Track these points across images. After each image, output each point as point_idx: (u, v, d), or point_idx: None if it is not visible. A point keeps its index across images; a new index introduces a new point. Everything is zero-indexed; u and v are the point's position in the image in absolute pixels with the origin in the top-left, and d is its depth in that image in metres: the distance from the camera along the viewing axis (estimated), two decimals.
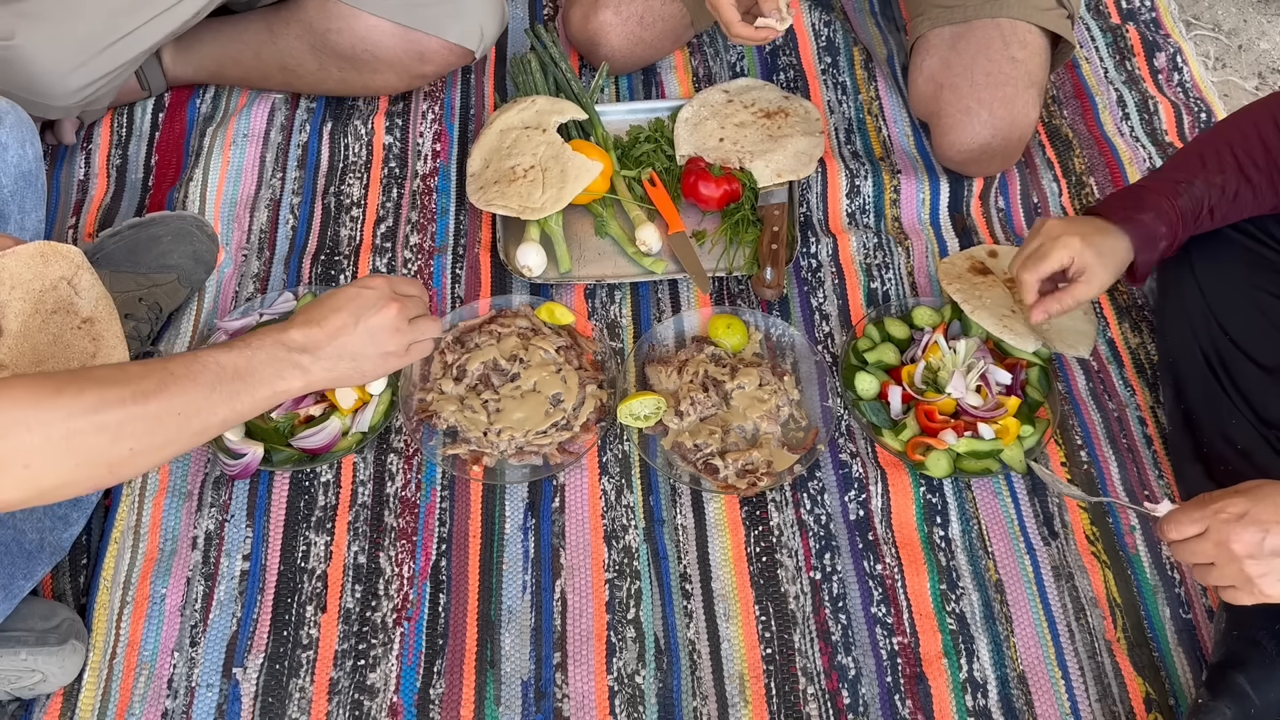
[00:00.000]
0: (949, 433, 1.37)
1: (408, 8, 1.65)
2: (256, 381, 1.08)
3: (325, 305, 1.16)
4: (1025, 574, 1.33)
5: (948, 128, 1.64)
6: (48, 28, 1.52)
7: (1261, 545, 0.99)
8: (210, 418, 1.04)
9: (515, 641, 1.29)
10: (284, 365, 1.11)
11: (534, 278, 1.56)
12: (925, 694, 1.24)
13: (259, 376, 1.08)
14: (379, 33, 1.66)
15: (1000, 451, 1.38)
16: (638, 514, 1.38)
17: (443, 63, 1.72)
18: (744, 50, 1.89)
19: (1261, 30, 2.06)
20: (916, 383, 1.43)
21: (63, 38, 1.54)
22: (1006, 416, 1.39)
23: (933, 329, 1.48)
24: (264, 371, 1.08)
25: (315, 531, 1.36)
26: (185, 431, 1.02)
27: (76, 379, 0.95)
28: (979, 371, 1.42)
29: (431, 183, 1.72)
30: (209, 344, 1.41)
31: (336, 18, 1.65)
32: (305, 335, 1.13)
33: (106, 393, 0.95)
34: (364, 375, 1.18)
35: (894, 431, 1.40)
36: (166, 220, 1.52)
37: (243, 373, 1.07)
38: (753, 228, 1.62)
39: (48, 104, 1.59)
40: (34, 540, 1.21)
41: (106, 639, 1.27)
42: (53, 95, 1.58)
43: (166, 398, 0.99)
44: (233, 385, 1.05)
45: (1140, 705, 1.23)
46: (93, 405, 0.94)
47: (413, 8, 1.65)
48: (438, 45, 1.69)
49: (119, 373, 0.99)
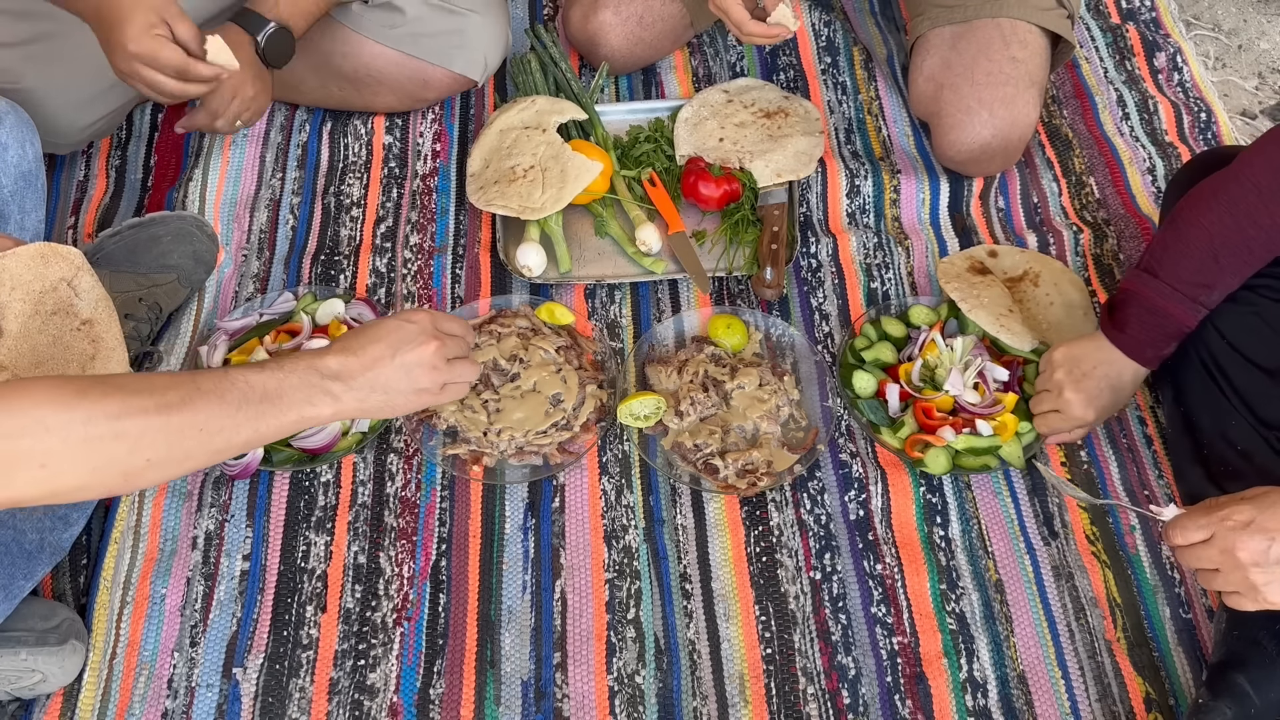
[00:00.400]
0: (947, 429, 1.37)
1: (413, 37, 1.65)
2: (285, 405, 1.05)
3: (365, 335, 1.12)
4: (1025, 574, 1.33)
5: (948, 127, 1.64)
6: (57, 70, 1.53)
7: (1267, 554, 0.99)
8: (233, 437, 1.01)
9: (515, 641, 1.29)
10: (315, 391, 1.07)
11: (534, 278, 1.56)
12: (925, 694, 1.24)
13: (288, 400, 1.05)
14: (383, 60, 1.66)
15: (999, 448, 1.38)
16: (638, 514, 1.38)
17: (444, 90, 1.74)
18: (744, 50, 1.89)
19: (1261, 30, 2.06)
20: (914, 380, 1.43)
21: (71, 79, 1.56)
22: (1004, 413, 1.39)
23: (929, 327, 1.48)
24: (294, 396, 1.05)
25: (315, 531, 1.36)
26: (206, 448, 1.00)
27: (101, 384, 0.94)
28: (976, 368, 1.42)
29: (431, 183, 1.72)
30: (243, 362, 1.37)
31: (342, 42, 1.66)
32: (340, 363, 1.09)
33: (130, 401, 0.94)
34: (394, 409, 1.14)
35: (892, 429, 1.40)
36: (166, 220, 1.52)
37: (271, 395, 1.04)
38: (753, 228, 1.62)
39: (57, 141, 1.62)
40: (34, 541, 1.21)
41: (106, 639, 1.27)
42: (62, 134, 1.61)
43: (190, 412, 0.97)
44: (260, 406, 1.03)
45: (1140, 705, 1.23)
46: (115, 412, 0.93)
47: (418, 38, 1.66)
48: (441, 74, 1.70)
49: (145, 382, 0.97)
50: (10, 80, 1.50)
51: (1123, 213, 1.67)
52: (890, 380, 1.43)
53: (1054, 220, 1.67)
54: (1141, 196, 1.69)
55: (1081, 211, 1.68)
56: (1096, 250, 1.62)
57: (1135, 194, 1.69)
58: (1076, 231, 1.63)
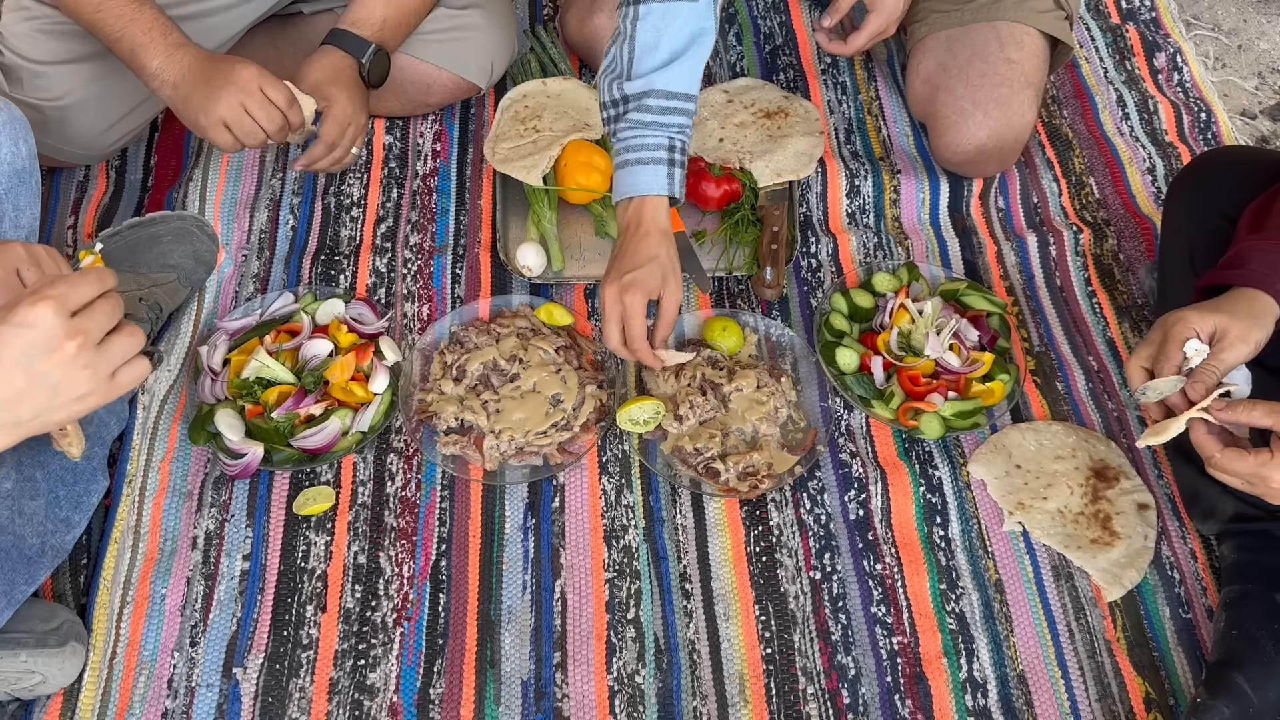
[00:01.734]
0: (936, 396, 1.41)
1: (421, 42, 1.65)
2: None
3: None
4: (1025, 574, 1.33)
5: (944, 129, 1.64)
6: (97, 87, 1.56)
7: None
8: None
9: (515, 641, 1.29)
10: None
11: (534, 278, 1.56)
12: (925, 694, 1.24)
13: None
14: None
15: (986, 408, 1.42)
16: (637, 514, 1.38)
17: (448, 95, 1.73)
18: (744, 50, 1.89)
19: (1261, 30, 2.06)
20: (894, 349, 1.46)
21: (110, 96, 1.58)
22: (983, 370, 1.44)
23: (894, 294, 1.52)
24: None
25: (315, 531, 1.36)
26: None
27: None
28: (951, 329, 1.46)
29: (431, 183, 1.72)
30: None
31: None
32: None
33: None
34: (58, 423, 0.90)
35: (883, 401, 1.43)
36: (167, 220, 1.52)
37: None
38: (753, 228, 1.62)
39: (83, 154, 1.64)
40: (35, 545, 1.21)
41: (106, 639, 1.27)
42: (89, 148, 1.63)
43: None
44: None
45: (1140, 705, 1.23)
46: None
47: (426, 43, 1.66)
48: (447, 80, 1.70)
49: None
50: (54, 96, 1.53)
51: (1123, 213, 1.67)
52: (872, 354, 1.47)
53: (1054, 220, 1.68)
54: (1141, 196, 1.69)
55: (1081, 211, 1.69)
56: (1096, 250, 1.62)
57: (1135, 194, 1.69)
58: (1076, 231, 1.63)
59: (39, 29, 1.51)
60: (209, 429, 1.39)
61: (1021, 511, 1.36)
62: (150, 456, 1.40)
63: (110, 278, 0.90)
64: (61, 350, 0.85)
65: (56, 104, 1.53)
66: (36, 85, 1.52)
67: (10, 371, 0.84)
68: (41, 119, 1.53)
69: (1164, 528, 1.35)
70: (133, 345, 0.90)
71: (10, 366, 0.84)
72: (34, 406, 0.86)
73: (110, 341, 0.88)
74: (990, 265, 1.62)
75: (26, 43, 1.51)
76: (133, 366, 0.90)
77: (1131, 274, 1.60)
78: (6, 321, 0.84)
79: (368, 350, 1.45)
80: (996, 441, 1.42)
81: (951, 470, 1.40)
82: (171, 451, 1.41)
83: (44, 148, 1.55)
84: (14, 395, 0.84)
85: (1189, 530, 1.35)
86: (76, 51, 1.52)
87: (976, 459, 1.41)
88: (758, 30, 1.93)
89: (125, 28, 1.39)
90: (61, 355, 0.85)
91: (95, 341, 0.87)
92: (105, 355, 0.87)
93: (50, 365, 0.85)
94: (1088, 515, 1.35)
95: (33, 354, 0.84)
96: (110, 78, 1.54)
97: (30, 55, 1.51)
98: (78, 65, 1.53)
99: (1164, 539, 1.34)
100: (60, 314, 0.84)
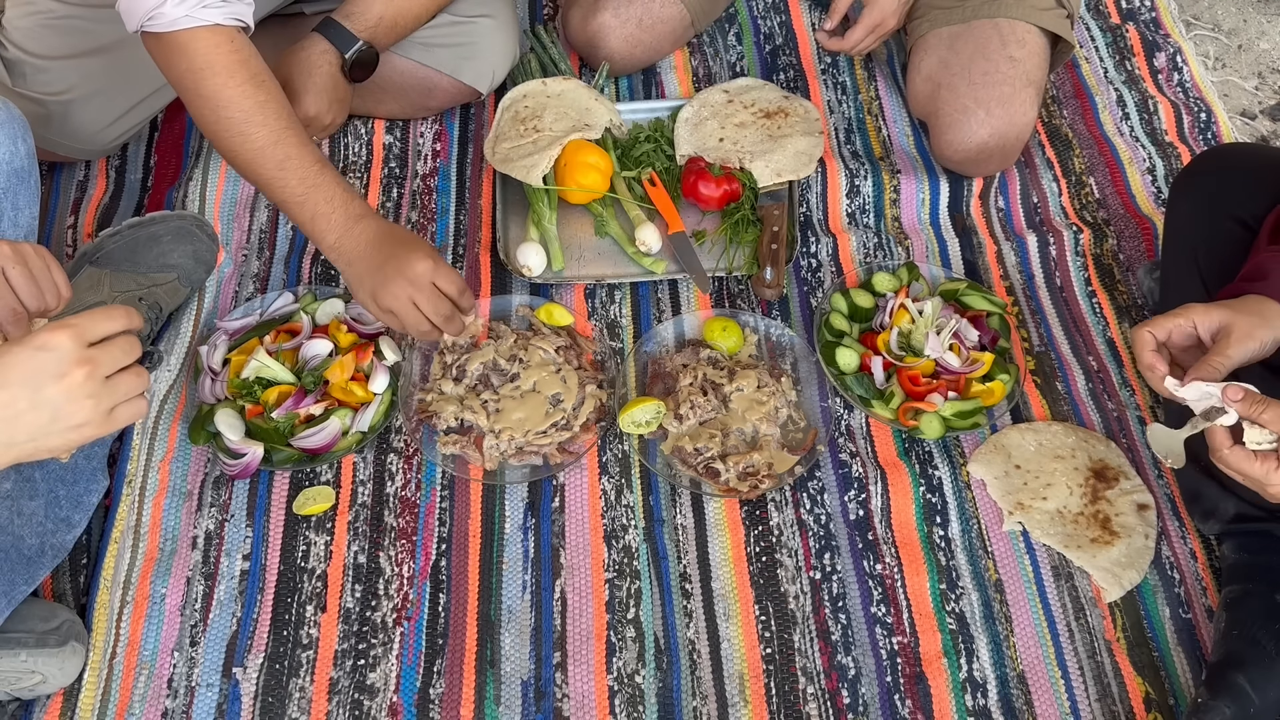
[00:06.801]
0: (936, 396, 1.41)
1: (424, 46, 1.65)
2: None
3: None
4: (1025, 573, 1.33)
5: (945, 127, 1.63)
6: (102, 82, 1.55)
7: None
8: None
9: (515, 641, 1.29)
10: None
11: (534, 278, 1.56)
12: (925, 694, 1.24)
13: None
14: (388, 68, 1.65)
15: (985, 408, 1.42)
16: (637, 514, 1.38)
17: (448, 100, 1.74)
18: (744, 50, 1.89)
19: (1261, 30, 2.06)
20: (894, 349, 1.46)
21: (115, 91, 1.58)
22: (983, 370, 1.43)
23: (894, 294, 1.52)
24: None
25: (315, 531, 1.36)
26: None
27: None
28: (951, 329, 1.46)
29: (431, 183, 1.72)
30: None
31: None
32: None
33: None
34: (51, 451, 0.91)
35: (883, 401, 1.43)
36: (167, 219, 1.52)
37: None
38: (753, 228, 1.62)
39: (85, 149, 1.64)
40: (34, 545, 1.21)
41: (106, 639, 1.27)
42: (91, 144, 1.63)
43: None
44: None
45: (1140, 705, 1.23)
46: None
47: (429, 47, 1.66)
48: (448, 84, 1.70)
49: None
50: (57, 91, 1.53)
51: (1123, 213, 1.67)
52: (872, 353, 1.46)
53: (1054, 220, 1.68)
54: (1141, 196, 1.69)
55: (1081, 211, 1.69)
56: (1096, 250, 1.62)
57: (1135, 194, 1.69)
58: (1076, 231, 1.63)
59: (42, 24, 1.51)
60: (209, 429, 1.39)
61: (1021, 511, 1.36)
62: (150, 456, 1.40)
63: (137, 319, 0.92)
64: (69, 377, 0.86)
65: (59, 99, 1.53)
66: (39, 80, 1.52)
67: (16, 391, 0.85)
68: (44, 114, 1.53)
69: (1164, 528, 1.35)
70: (138, 386, 0.91)
71: (17, 386, 0.85)
72: (31, 429, 0.87)
73: (118, 378, 0.89)
74: (990, 265, 1.62)
75: (29, 37, 1.51)
76: (132, 404, 0.91)
77: (1131, 274, 1.60)
78: (27, 344, 0.86)
79: (367, 350, 1.45)
80: (996, 441, 1.42)
81: (951, 470, 1.40)
82: (171, 451, 1.41)
83: (46, 143, 1.55)
84: (14, 415, 0.85)
85: (1189, 530, 1.35)
86: (79, 46, 1.52)
87: (976, 459, 1.41)
88: (758, 30, 1.93)
89: (309, 193, 1.31)
90: (69, 382, 0.86)
91: (104, 374, 0.88)
92: (110, 389, 0.89)
93: (55, 390, 0.86)
94: (1087, 515, 1.35)
95: (41, 377, 0.86)
96: (113, 73, 1.54)
97: (33, 50, 1.51)
98: (80, 60, 1.53)
99: (1164, 539, 1.34)
100: (76, 342, 0.86)
